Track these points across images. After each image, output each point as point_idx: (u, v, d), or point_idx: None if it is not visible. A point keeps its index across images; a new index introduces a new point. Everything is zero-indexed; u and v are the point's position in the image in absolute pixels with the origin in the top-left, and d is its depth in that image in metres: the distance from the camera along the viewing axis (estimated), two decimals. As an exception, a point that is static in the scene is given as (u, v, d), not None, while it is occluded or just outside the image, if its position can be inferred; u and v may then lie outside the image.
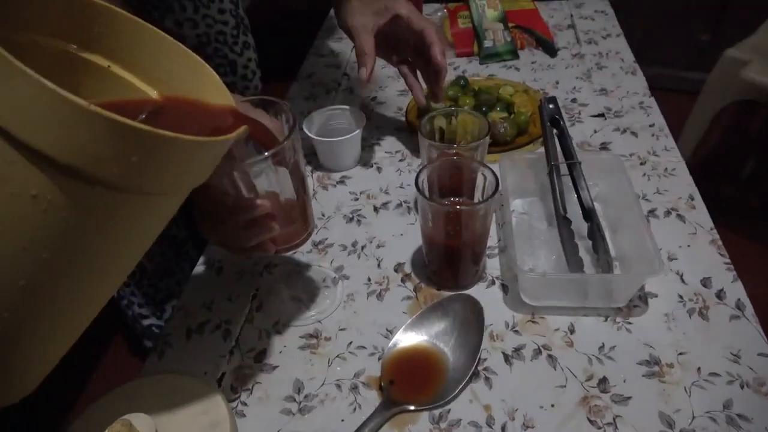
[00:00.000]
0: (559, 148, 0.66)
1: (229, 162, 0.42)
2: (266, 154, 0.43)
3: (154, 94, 0.40)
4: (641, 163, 0.74)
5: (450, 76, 0.92)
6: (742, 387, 0.48)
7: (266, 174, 0.45)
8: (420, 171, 0.55)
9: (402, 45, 0.73)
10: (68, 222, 0.30)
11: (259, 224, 0.46)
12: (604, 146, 0.77)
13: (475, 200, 0.57)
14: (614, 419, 0.47)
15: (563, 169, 0.65)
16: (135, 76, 0.40)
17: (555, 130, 0.68)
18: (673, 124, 0.79)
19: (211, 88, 0.39)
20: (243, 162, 0.43)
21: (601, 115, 0.84)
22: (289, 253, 0.64)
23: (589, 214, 0.60)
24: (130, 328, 1.06)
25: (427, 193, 0.55)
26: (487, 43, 1.01)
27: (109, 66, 0.38)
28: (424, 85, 0.76)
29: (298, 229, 0.51)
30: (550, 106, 0.69)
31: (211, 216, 0.48)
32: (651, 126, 0.80)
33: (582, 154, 0.64)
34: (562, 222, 0.60)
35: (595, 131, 0.80)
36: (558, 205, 0.61)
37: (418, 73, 0.76)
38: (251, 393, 0.51)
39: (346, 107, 0.78)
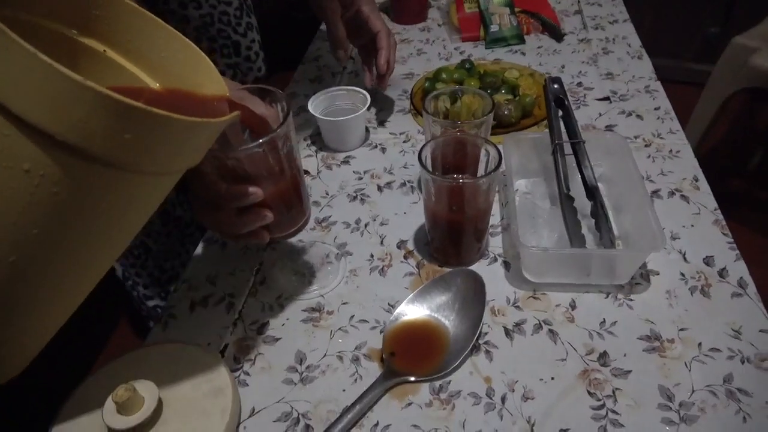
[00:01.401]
0: (563, 129, 0.66)
1: (223, 148, 0.43)
2: (260, 140, 0.43)
3: (153, 84, 0.40)
4: (646, 145, 0.73)
5: (456, 60, 0.92)
6: (742, 362, 0.48)
7: (260, 162, 0.45)
8: (423, 146, 0.55)
9: (362, 32, 0.79)
10: (60, 198, 0.30)
11: (253, 212, 0.46)
12: (609, 128, 0.77)
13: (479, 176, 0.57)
14: (614, 392, 0.47)
15: (567, 148, 0.65)
16: (132, 63, 0.40)
17: (560, 111, 0.67)
18: (680, 115, 0.78)
19: (206, 77, 0.40)
20: (237, 148, 0.44)
21: (607, 98, 0.83)
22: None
23: (592, 192, 0.60)
24: (136, 309, 1.07)
25: (430, 168, 0.55)
26: (493, 28, 1.01)
27: (105, 50, 0.38)
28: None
29: (293, 218, 0.51)
30: (555, 86, 0.69)
31: (205, 202, 0.48)
32: (656, 109, 0.80)
33: (586, 135, 0.64)
34: (565, 200, 0.60)
35: (600, 114, 0.80)
36: (561, 183, 0.61)
37: None
38: (254, 363, 0.52)
39: (351, 88, 0.78)
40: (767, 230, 1.41)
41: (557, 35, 1.00)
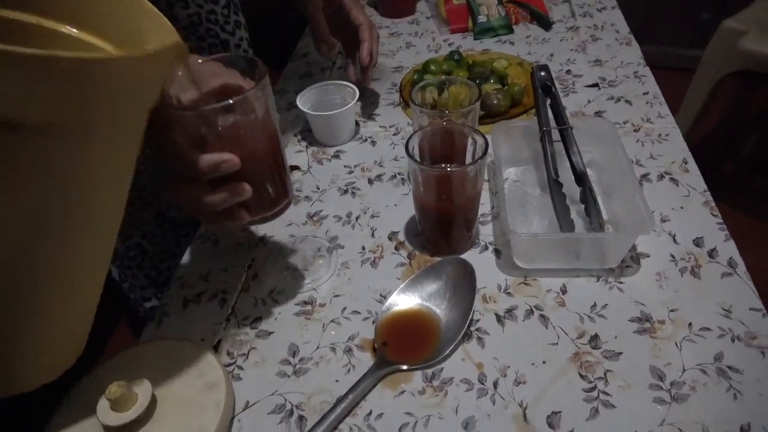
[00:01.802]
0: (551, 116, 0.66)
1: (196, 113, 0.41)
2: (230, 101, 0.41)
3: (108, 47, 0.37)
4: (635, 130, 0.74)
5: (445, 52, 0.92)
6: (733, 340, 0.48)
7: (235, 128, 0.43)
8: (411, 136, 0.55)
9: (344, 26, 0.79)
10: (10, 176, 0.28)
11: (229, 186, 0.43)
12: (598, 115, 0.77)
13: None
14: (605, 373, 0.47)
15: (556, 135, 0.65)
16: (82, 32, 0.37)
17: (548, 99, 0.68)
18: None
19: (155, 28, 0.36)
20: (207, 108, 0.41)
21: (595, 85, 0.83)
22: (284, 226, 0.65)
23: (581, 178, 0.61)
24: (133, 311, 1.07)
25: (417, 158, 0.55)
26: (481, 19, 1.01)
27: (37, 22, 0.35)
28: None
29: (273, 198, 0.48)
30: (542, 73, 0.69)
31: (178, 175, 0.44)
32: (645, 94, 0.80)
33: (574, 121, 0.64)
34: (554, 185, 0.60)
35: (589, 101, 0.80)
36: (550, 169, 0.61)
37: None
38: (247, 357, 0.52)
39: (340, 82, 0.79)
40: (760, 215, 1.41)
41: (545, 24, 1.00)
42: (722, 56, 1.12)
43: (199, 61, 0.46)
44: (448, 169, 0.53)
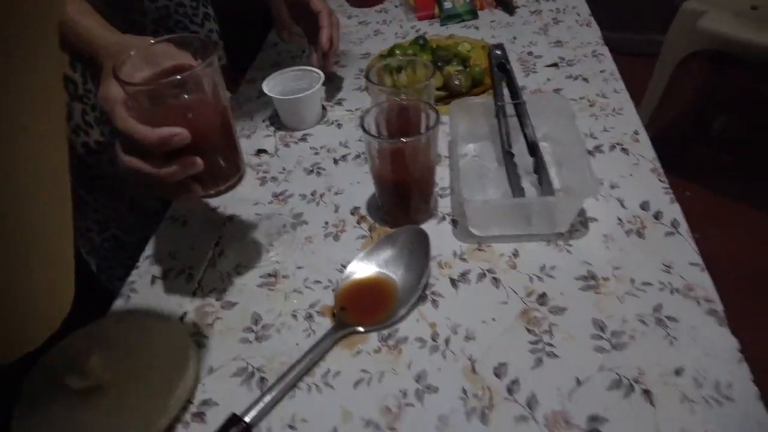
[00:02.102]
0: (508, 93, 0.68)
1: (147, 88, 0.44)
2: (178, 76, 0.43)
3: None
4: (590, 105, 0.76)
5: (411, 38, 0.95)
6: (672, 293, 0.51)
7: (184, 104, 0.46)
8: (366, 112, 0.57)
9: (304, 13, 0.81)
10: None
11: (180, 159, 0.45)
12: (556, 92, 0.80)
13: (421, 138, 0.59)
14: (550, 327, 0.49)
15: (511, 110, 0.68)
16: None
17: (504, 76, 0.70)
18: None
19: None
20: (157, 83, 0.44)
21: (555, 64, 0.86)
22: (250, 205, 0.67)
23: (533, 148, 0.63)
24: (112, 302, 1.09)
25: (373, 132, 0.57)
26: (447, 5, 1.03)
27: None
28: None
29: (225, 172, 0.51)
30: (498, 52, 0.72)
31: (131, 150, 0.46)
32: (602, 72, 0.83)
33: (530, 97, 0.67)
34: (507, 155, 0.62)
35: (549, 80, 0.83)
36: (503, 140, 0.63)
37: None
38: (212, 327, 0.54)
39: (305, 68, 0.81)
40: (730, 192, 1.45)
41: (509, 9, 1.03)
42: (683, 37, 1.15)
43: (152, 42, 0.48)
44: (399, 140, 0.55)
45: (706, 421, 0.42)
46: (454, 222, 0.62)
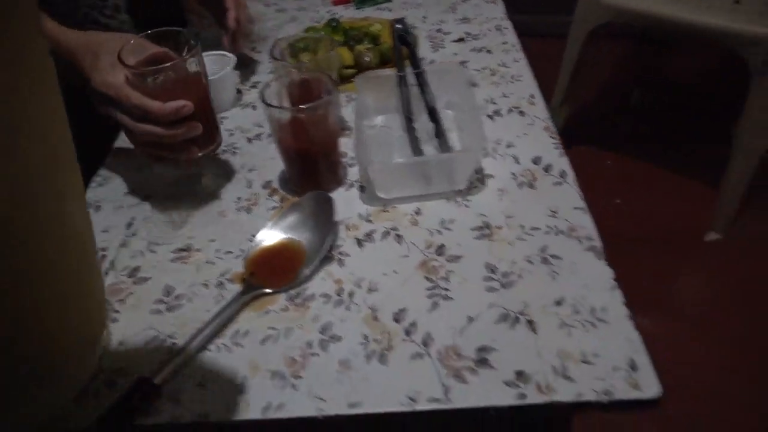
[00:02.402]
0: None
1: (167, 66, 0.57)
2: (185, 57, 0.58)
3: None
4: (492, 74, 0.80)
5: (323, 18, 0.97)
6: (556, 234, 0.55)
7: (178, 82, 0.58)
8: (265, 85, 0.59)
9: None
10: None
11: (188, 124, 0.58)
12: (462, 64, 0.84)
13: (323, 109, 0.61)
14: (447, 274, 0.53)
15: (414, 81, 0.71)
16: None
17: (405, 49, 0.73)
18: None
19: None
20: (171, 63, 0.57)
21: (461, 39, 0.90)
22: (164, 185, 0.68)
23: (433, 114, 0.66)
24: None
25: (273, 104, 0.59)
26: (361, -11, 1.06)
27: None
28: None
29: (213, 136, 0.64)
30: (398, 26, 0.75)
31: (142, 122, 0.57)
32: (504, 43, 0.87)
33: (432, 67, 0.71)
34: (408, 121, 0.65)
35: (455, 54, 0.87)
36: (404, 107, 0.67)
37: None
38: (124, 302, 0.55)
39: (218, 52, 0.82)
40: (647, 159, 1.54)
41: (421, -10, 1.06)
42: (588, 12, 1.22)
43: (131, 41, 0.59)
44: (298, 107, 0.57)
45: (581, 341, 0.46)
46: (362, 188, 0.64)
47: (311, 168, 0.62)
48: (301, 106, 0.57)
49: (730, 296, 1.27)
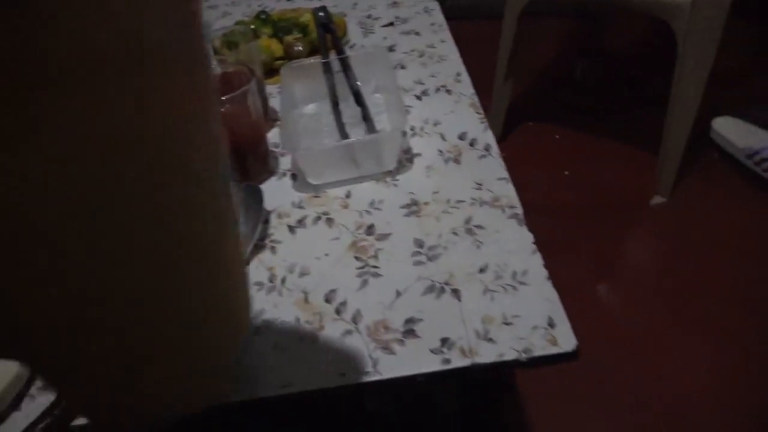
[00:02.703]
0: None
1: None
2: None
3: None
4: (420, 56, 0.82)
5: (254, 12, 0.96)
6: (481, 205, 0.57)
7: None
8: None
9: None
10: None
11: None
12: (391, 49, 0.85)
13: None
14: (376, 252, 0.54)
15: (340, 68, 0.72)
16: None
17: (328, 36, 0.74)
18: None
19: None
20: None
21: (390, 23, 0.91)
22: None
23: (357, 98, 0.67)
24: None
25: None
26: (290, -20, 1.05)
27: None
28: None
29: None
30: (321, 14, 0.75)
31: None
32: (432, 25, 0.89)
33: (356, 52, 0.71)
34: (334, 106, 0.66)
35: (385, 38, 0.88)
36: (331, 93, 0.67)
37: None
38: None
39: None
40: (592, 131, 1.58)
41: (350, -23, 1.07)
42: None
43: None
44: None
45: (503, 305, 0.48)
46: (293, 176, 0.65)
47: (240, 160, 0.63)
48: (222, 98, 0.57)
49: (677, 256, 1.32)
